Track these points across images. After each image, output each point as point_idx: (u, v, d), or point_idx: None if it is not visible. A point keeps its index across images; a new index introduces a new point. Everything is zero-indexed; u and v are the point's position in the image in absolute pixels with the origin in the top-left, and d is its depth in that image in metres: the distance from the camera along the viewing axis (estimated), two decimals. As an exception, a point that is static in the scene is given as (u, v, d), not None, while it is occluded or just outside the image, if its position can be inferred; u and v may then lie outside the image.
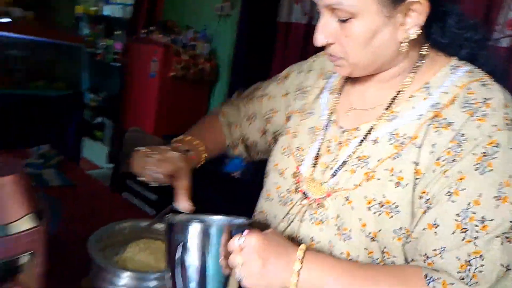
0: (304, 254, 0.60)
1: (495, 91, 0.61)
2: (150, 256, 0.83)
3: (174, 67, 3.23)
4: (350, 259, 0.64)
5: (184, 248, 0.64)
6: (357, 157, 0.67)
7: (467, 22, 0.68)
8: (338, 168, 0.68)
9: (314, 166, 0.73)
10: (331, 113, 0.77)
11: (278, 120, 0.89)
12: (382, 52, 0.65)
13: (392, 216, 0.61)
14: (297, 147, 0.78)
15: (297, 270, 0.58)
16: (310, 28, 2.95)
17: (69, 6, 4.17)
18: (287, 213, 0.74)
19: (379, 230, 0.61)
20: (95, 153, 4.01)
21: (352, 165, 0.67)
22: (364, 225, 0.62)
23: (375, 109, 0.70)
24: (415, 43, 0.66)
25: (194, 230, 0.64)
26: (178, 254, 0.64)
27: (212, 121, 0.97)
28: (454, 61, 0.68)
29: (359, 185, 0.64)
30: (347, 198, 0.65)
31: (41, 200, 0.70)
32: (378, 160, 0.64)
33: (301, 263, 0.59)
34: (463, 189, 0.56)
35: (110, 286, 0.73)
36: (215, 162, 2.96)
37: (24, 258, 0.61)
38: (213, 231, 0.64)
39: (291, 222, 0.73)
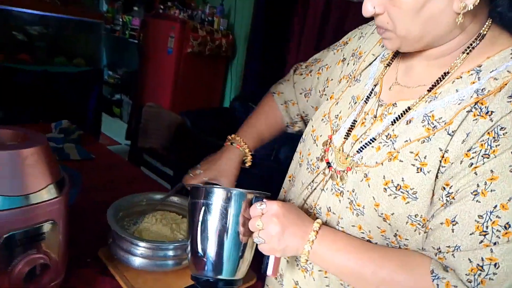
0: (320, 227, 0.62)
1: None
2: (165, 227, 0.86)
3: (191, 43, 3.22)
4: (363, 233, 0.63)
5: (207, 211, 0.67)
6: (387, 135, 0.63)
7: None
8: (366, 143, 0.65)
9: (346, 138, 0.70)
10: (376, 84, 0.71)
11: (331, 88, 0.82)
12: (434, 24, 0.57)
13: (408, 202, 0.57)
14: (336, 115, 0.74)
15: (311, 240, 0.60)
16: (330, 1, 2.87)
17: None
18: (312, 181, 0.73)
19: (392, 214, 0.58)
20: (114, 129, 4.09)
21: (380, 143, 0.63)
22: (377, 205, 0.60)
23: (418, 89, 0.64)
24: (473, 17, 0.57)
25: (218, 194, 0.67)
26: (201, 216, 0.67)
27: (268, 104, 0.97)
28: None
29: (381, 163, 0.61)
30: (366, 175, 0.62)
31: (62, 172, 0.73)
32: (405, 141, 0.60)
33: (316, 235, 0.61)
34: (492, 190, 0.50)
35: (128, 255, 0.76)
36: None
37: (45, 227, 0.64)
38: (236, 196, 0.66)
39: (314, 190, 0.72)
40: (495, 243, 0.49)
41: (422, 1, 0.54)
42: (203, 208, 0.67)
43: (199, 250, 0.68)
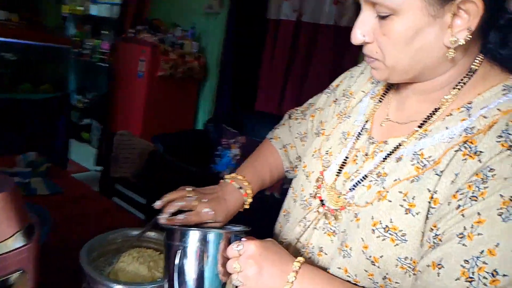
0: (300, 266, 0.58)
1: None
2: (142, 266, 0.83)
3: (162, 66, 3.20)
4: (348, 276, 0.60)
5: (183, 254, 0.64)
6: (377, 173, 0.61)
7: None
8: (358, 181, 0.64)
9: (337, 175, 0.68)
10: (367, 120, 0.70)
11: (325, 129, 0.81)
12: (423, 56, 0.56)
13: (397, 244, 0.55)
14: (327, 151, 0.73)
15: (291, 281, 0.57)
16: (299, 25, 2.95)
17: (55, 6, 4.10)
18: (304, 218, 0.71)
19: (381, 256, 0.56)
20: (82, 155, 3.96)
21: (370, 181, 0.62)
22: (365, 247, 0.58)
23: (409, 125, 0.63)
24: (465, 52, 0.56)
25: (193, 237, 0.64)
26: (177, 260, 0.64)
27: (268, 149, 0.93)
28: (511, 80, 0.57)
29: (371, 203, 0.59)
30: (356, 215, 0.61)
31: (31, 213, 0.69)
32: (395, 180, 0.58)
33: (296, 275, 0.57)
34: (479, 234, 0.48)
35: None
36: (203, 163, 2.95)
37: (14, 277, 0.60)
38: (212, 237, 0.64)
39: (307, 227, 0.70)
40: None
41: (413, 32, 0.53)
42: (180, 251, 0.64)
43: None
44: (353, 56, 2.70)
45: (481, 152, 0.51)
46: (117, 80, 3.45)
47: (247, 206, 0.86)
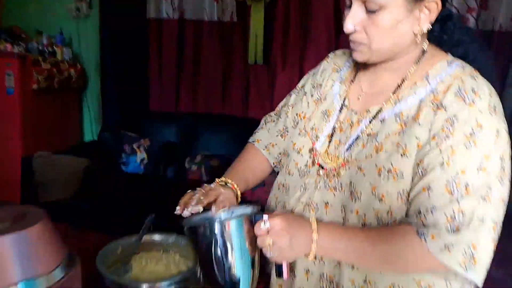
0: (317, 225, 0.72)
1: (482, 83, 0.72)
2: (157, 266, 0.87)
3: (35, 78, 2.88)
4: (359, 217, 0.76)
5: (216, 244, 0.73)
6: (367, 134, 0.79)
7: (462, 25, 0.82)
8: (351, 143, 0.80)
9: (328, 143, 0.85)
10: (344, 99, 0.87)
11: (302, 120, 0.96)
12: (400, 41, 0.75)
13: (397, 181, 0.72)
14: (312, 127, 0.89)
15: (315, 239, 0.71)
16: (183, 23, 3.00)
17: None
18: (303, 183, 0.85)
19: (387, 191, 0.73)
20: None
21: (363, 140, 0.79)
22: (374, 188, 0.74)
23: (383, 94, 0.81)
24: (421, 38, 0.76)
25: (220, 228, 0.73)
26: (212, 249, 0.73)
27: (250, 152, 1.04)
28: (449, 56, 0.79)
29: (370, 156, 0.76)
30: (359, 168, 0.77)
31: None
32: (386, 136, 0.76)
33: (318, 233, 0.71)
34: (453, 161, 0.68)
35: None
36: (114, 164, 2.80)
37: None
38: (236, 224, 0.74)
39: (307, 190, 0.84)
40: (460, 198, 0.67)
41: (395, 23, 0.72)
42: (212, 242, 0.73)
43: (219, 278, 0.74)
44: (240, 48, 2.90)
45: (446, 105, 0.72)
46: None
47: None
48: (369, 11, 0.72)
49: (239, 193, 0.93)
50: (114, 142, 2.92)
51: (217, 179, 0.94)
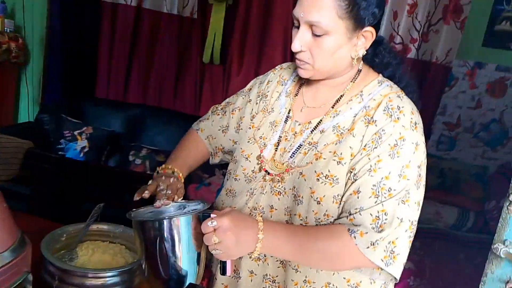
0: (263, 225, 0.77)
1: (406, 102, 0.85)
2: (104, 255, 0.87)
3: (-31, 47, 2.65)
4: (301, 220, 0.85)
5: (162, 240, 0.76)
6: (308, 143, 0.88)
7: (391, 50, 0.94)
8: (294, 151, 0.89)
9: (275, 150, 0.93)
10: (289, 111, 0.96)
11: (245, 123, 1.04)
12: (339, 63, 0.86)
13: (333, 186, 0.82)
14: (260, 136, 0.97)
15: (261, 239, 0.76)
16: (141, 11, 2.93)
17: None
18: (250, 188, 0.92)
19: (324, 196, 0.83)
20: None
21: (305, 149, 0.88)
22: (313, 192, 0.83)
23: (323, 107, 0.91)
24: (357, 61, 0.88)
25: (169, 224, 0.76)
26: (157, 245, 0.76)
27: (193, 137, 1.13)
28: (380, 77, 0.91)
29: (310, 163, 0.86)
30: (301, 173, 0.86)
31: None
32: (324, 145, 0.86)
33: (263, 232, 0.77)
34: (379, 168, 0.80)
35: None
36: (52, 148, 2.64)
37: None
38: (184, 221, 0.78)
39: (254, 195, 0.91)
40: (384, 201, 0.78)
41: (336, 48, 0.82)
42: (160, 236, 0.76)
43: (162, 272, 0.77)
44: (197, 45, 2.89)
45: (375, 120, 0.83)
46: None
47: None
48: (315, 35, 0.82)
49: (182, 180, 0.99)
50: (53, 126, 2.76)
51: (163, 166, 1.00)
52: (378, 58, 0.92)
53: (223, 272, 0.79)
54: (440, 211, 2.46)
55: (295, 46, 0.84)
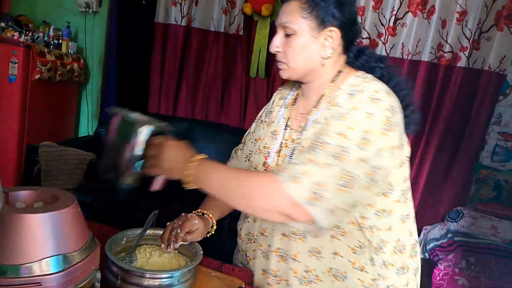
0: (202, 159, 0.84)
1: (372, 84, 0.87)
2: (160, 258, 0.94)
3: (39, 68, 2.93)
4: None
5: (127, 137, 0.86)
6: (297, 143, 0.95)
7: (376, 56, 0.99)
8: (291, 155, 0.96)
9: (278, 157, 1.00)
10: (287, 120, 1.04)
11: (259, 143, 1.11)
12: (310, 61, 0.93)
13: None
14: (264, 146, 1.05)
15: (192, 165, 0.82)
16: (190, 30, 3.09)
17: None
18: None
19: None
20: None
21: (297, 149, 0.94)
22: None
23: (309, 111, 0.98)
24: (335, 62, 0.95)
25: (139, 130, 0.86)
26: (113, 139, 0.89)
27: None
28: (359, 72, 0.95)
29: None
30: None
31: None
32: (306, 139, 0.92)
33: (197, 163, 0.82)
34: (325, 130, 0.83)
35: None
36: None
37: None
38: (148, 130, 0.86)
39: None
40: (313, 150, 0.80)
41: (304, 46, 0.91)
42: (126, 135, 0.86)
43: (107, 161, 0.90)
44: (243, 60, 2.99)
45: (338, 102, 0.88)
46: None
47: (212, 232, 1.08)
48: (287, 35, 0.92)
49: (214, 221, 1.07)
50: (110, 139, 2.97)
51: (194, 211, 1.08)
52: (360, 63, 0.97)
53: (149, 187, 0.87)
54: (496, 226, 2.34)
55: (272, 47, 0.94)
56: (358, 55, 0.98)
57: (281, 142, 1.01)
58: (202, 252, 0.95)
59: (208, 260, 1.03)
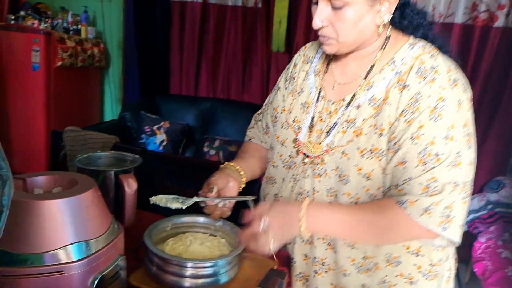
0: (307, 205, 0.78)
1: (440, 61, 0.80)
2: (201, 247, 0.86)
3: (60, 55, 2.93)
4: (351, 197, 0.82)
5: None
6: (345, 121, 0.85)
7: (419, 11, 0.88)
8: (331, 131, 0.87)
9: (310, 132, 0.90)
10: (320, 90, 0.93)
11: (279, 111, 1.02)
12: (364, 33, 0.82)
13: (380, 159, 0.80)
14: (293, 120, 0.95)
15: (303, 215, 0.76)
16: (206, 7, 3.00)
17: None
18: (292, 174, 0.91)
19: (372, 170, 0.80)
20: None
21: (343, 127, 0.85)
22: (360, 169, 0.81)
23: (355, 81, 0.88)
24: (384, 27, 0.84)
25: None
26: None
27: (251, 147, 1.10)
28: (411, 39, 0.86)
29: (351, 140, 0.83)
30: (343, 152, 0.83)
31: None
32: (363, 120, 0.83)
33: (305, 210, 0.77)
34: (422, 134, 0.75)
35: (178, 278, 0.76)
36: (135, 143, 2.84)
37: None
38: None
39: (298, 180, 0.90)
40: (432, 168, 0.74)
41: (358, 18, 0.79)
42: None
43: None
44: (262, 35, 2.89)
45: (408, 85, 0.79)
46: (6, 76, 3.02)
47: (243, 185, 1.01)
48: (335, 8, 0.79)
49: (244, 179, 0.99)
50: (135, 123, 2.97)
51: (226, 163, 1.00)
52: (406, 20, 0.86)
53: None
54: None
55: (316, 23, 0.81)
56: (402, 13, 0.86)
57: (314, 116, 0.92)
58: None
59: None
